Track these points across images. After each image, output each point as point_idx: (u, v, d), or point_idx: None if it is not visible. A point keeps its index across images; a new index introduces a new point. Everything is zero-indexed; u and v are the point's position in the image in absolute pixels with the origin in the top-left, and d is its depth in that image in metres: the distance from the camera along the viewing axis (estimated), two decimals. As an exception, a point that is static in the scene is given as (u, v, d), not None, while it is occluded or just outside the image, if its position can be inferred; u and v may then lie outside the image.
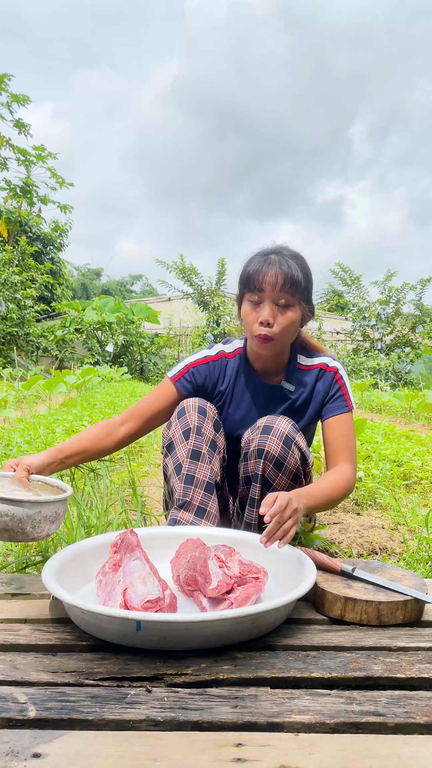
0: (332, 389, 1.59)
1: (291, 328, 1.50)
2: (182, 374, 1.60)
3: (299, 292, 1.48)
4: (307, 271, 1.53)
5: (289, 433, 1.44)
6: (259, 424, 1.47)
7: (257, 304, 1.49)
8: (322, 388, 1.59)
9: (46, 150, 14.81)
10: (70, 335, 15.64)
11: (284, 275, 1.45)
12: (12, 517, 1.14)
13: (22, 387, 7.38)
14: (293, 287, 1.46)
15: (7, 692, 0.82)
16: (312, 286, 1.56)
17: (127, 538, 1.16)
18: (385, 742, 0.73)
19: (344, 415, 1.56)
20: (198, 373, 1.61)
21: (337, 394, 1.58)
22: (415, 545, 1.83)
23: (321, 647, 0.97)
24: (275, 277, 1.45)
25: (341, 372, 1.61)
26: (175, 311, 17.84)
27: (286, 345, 1.56)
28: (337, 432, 1.55)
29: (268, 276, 1.46)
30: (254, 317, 1.49)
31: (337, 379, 1.59)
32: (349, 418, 1.57)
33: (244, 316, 1.52)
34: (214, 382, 1.62)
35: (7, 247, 14.79)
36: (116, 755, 0.69)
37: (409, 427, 5.39)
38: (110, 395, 8.65)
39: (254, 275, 1.48)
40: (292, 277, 1.45)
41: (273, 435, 1.43)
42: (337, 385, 1.59)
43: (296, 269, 1.47)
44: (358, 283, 14.97)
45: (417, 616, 1.08)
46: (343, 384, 1.59)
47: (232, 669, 0.88)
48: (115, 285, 45.09)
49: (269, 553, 1.26)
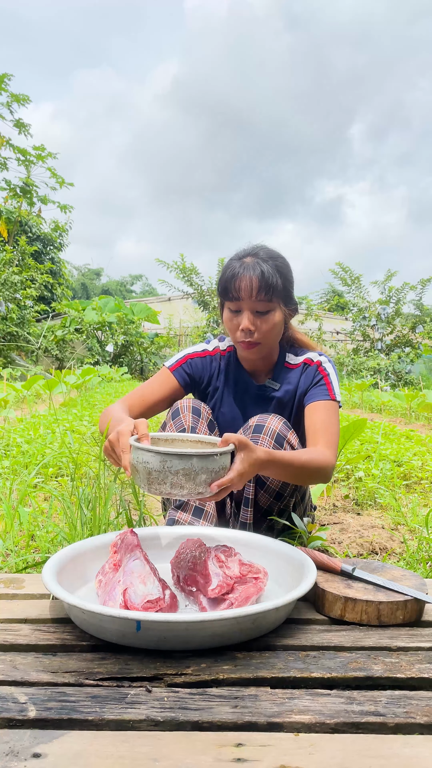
0: (314, 379, 1.56)
1: (273, 331, 1.49)
2: (180, 364, 1.60)
3: (277, 295, 1.46)
4: (284, 271, 1.50)
5: (281, 432, 1.44)
6: (251, 423, 1.48)
7: (236, 311, 1.48)
8: (305, 381, 1.58)
9: (46, 150, 14.81)
10: (70, 335, 15.63)
11: (258, 281, 1.42)
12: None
13: (22, 387, 7.38)
14: (269, 292, 1.43)
15: (7, 692, 0.82)
16: (292, 285, 1.54)
17: (127, 538, 1.16)
18: (385, 742, 0.73)
19: (325, 402, 1.51)
20: (195, 365, 1.61)
21: (319, 382, 1.55)
22: (415, 545, 1.83)
23: (321, 647, 0.97)
24: (250, 283, 1.43)
25: (325, 365, 1.59)
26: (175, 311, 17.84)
27: (273, 346, 1.55)
28: (315, 416, 1.50)
29: (244, 283, 1.43)
30: (235, 325, 1.48)
31: (320, 371, 1.57)
32: (331, 406, 1.51)
33: (226, 323, 1.52)
34: (209, 377, 1.62)
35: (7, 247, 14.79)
36: (116, 755, 0.69)
37: (409, 427, 5.39)
38: (110, 395, 8.65)
39: (230, 283, 1.46)
40: (267, 282, 1.43)
41: (264, 434, 1.43)
42: (320, 375, 1.56)
43: (272, 272, 1.44)
44: (358, 283, 14.97)
45: (417, 616, 1.08)
46: (326, 375, 1.56)
47: (232, 669, 0.88)
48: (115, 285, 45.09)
49: (269, 553, 1.26)
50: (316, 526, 1.75)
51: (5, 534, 1.77)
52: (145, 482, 1.13)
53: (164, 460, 1.10)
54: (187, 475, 1.10)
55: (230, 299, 1.47)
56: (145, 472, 1.12)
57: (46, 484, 2.43)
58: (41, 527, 1.84)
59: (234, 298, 1.46)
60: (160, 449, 1.10)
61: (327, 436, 1.46)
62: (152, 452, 1.10)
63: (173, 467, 1.10)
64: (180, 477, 1.10)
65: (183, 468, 1.10)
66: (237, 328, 1.47)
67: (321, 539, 1.41)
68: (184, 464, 1.09)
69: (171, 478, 1.10)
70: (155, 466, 1.10)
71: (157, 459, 1.10)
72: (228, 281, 1.46)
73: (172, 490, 1.12)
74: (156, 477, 1.11)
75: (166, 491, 1.12)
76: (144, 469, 1.12)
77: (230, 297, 1.46)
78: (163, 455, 1.09)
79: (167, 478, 1.10)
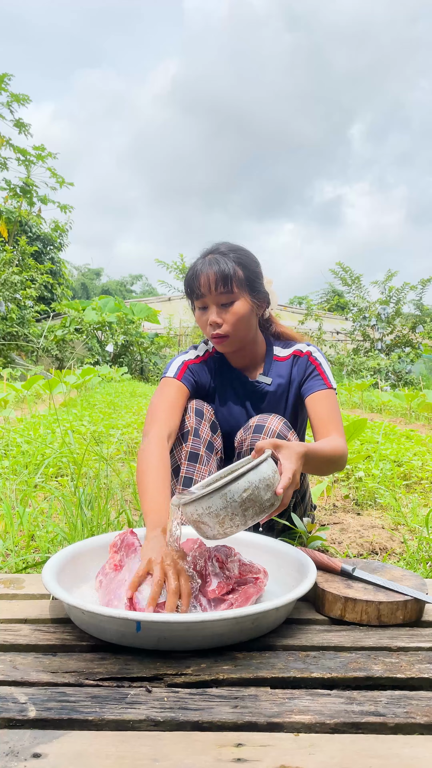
0: (307, 370, 1.58)
1: (242, 322, 1.50)
2: (183, 371, 1.61)
3: (239, 285, 1.48)
4: (245, 262, 1.51)
5: (281, 431, 1.45)
6: (251, 424, 1.48)
7: (203, 308, 1.51)
8: (297, 372, 1.59)
9: (46, 150, 14.80)
10: (70, 335, 15.63)
11: (216, 275, 1.45)
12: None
13: (22, 387, 7.38)
14: (229, 283, 1.46)
15: (7, 692, 0.82)
16: (257, 275, 1.54)
17: (127, 539, 1.16)
18: (385, 742, 0.73)
19: (325, 391, 1.53)
20: (195, 371, 1.62)
21: (313, 373, 1.57)
22: (416, 545, 1.83)
23: (321, 647, 0.97)
24: (208, 278, 1.46)
25: (315, 354, 1.60)
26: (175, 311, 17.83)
27: (246, 338, 1.56)
28: (319, 406, 1.51)
29: (203, 279, 1.47)
30: (204, 321, 1.51)
31: (311, 361, 1.58)
32: (330, 395, 1.54)
33: (198, 321, 1.55)
34: (207, 382, 1.64)
35: (7, 247, 14.78)
36: (116, 755, 0.69)
37: (409, 427, 5.39)
38: (110, 395, 8.66)
39: (192, 282, 1.49)
40: (223, 273, 1.45)
41: (265, 434, 1.44)
42: (312, 365, 1.58)
43: (229, 264, 1.47)
44: (358, 283, 14.96)
45: (417, 616, 1.08)
46: (318, 364, 1.58)
47: (232, 669, 0.88)
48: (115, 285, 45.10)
49: (269, 553, 1.26)
50: (316, 526, 1.75)
51: (5, 534, 1.77)
52: (218, 526, 1.03)
53: (224, 494, 1.01)
54: (252, 495, 1.02)
55: (196, 297, 1.51)
56: (212, 517, 1.02)
57: (46, 484, 2.43)
58: (41, 527, 1.84)
59: (198, 296, 1.49)
60: (212, 487, 1.01)
61: (336, 425, 1.48)
62: (208, 494, 1.01)
63: (235, 495, 1.01)
64: (246, 501, 1.01)
65: (244, 489, 1.01)
66: (206, 323, 1.51)
67: (321, 539, 1.41)
68: (244, 485, 1.01)
69: (238, 506, 1.01)
70: (218, 504, 1.01)
71: (217, 497, 1.01)
72: (191, 280, 1.50)
73: (246, 518, 1.03)
74: (225, 515, 1.02)
75: (241, 523, 1.03)
76: (210, 516, 1.02)
77: (195, 295, 1.50)
78: (220, 490, 1.01)
79: (236, 509, 1.01)
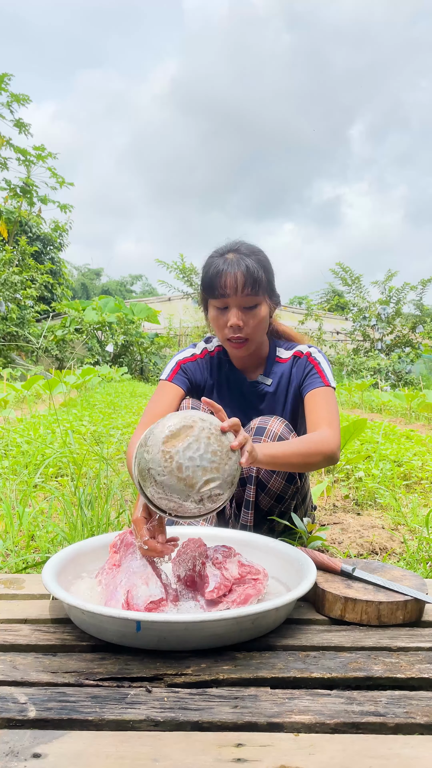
0: (306, 369, 1.57)
1: (261, 325, 1.51)
2: (176, 372, 1.60)
3: (262, 289, 1.47)
4: (266, 265, 1.50)
5: (282, 434, 1.44)
6: (253, 425, 1.48)
7: (223, 309, 1.47)
8: (297, 373, 1.58)
9: (46, 150, 14.79)
10: (70, 335, 15.63)
11: (244, 276, 1.42)
12: None
13: (22, 387, 7.38)
14: (255, 286, 1.44)
15: (7, 692, 0.82)
16: (273, 278, 1.54)
17: (126, 539, 1.16)
18: (385, 742, 0.73)
19: (322, 389, 1.52)
20: (189, 370, 1.61)
21: (312, 372, 1.56)
22: (416, 545, 1.83)
23: (321, 647, 0.97)
24: (236, 279, 1.42)
25: (315, 354, 1.59)
26: (175, 311, 17.83)
27: (260, 341, 1.56)
28: (314, 402, 1.50)
29: (229, 279, 1.43)
30: (223, 322, 1.48)
31: (310, 361, 1.58)
32: (328, 392, 1.52)
33: (213, 321, 1.51)
34: (204, 380, 1.63)
35: (7, 247, 14.77)
36: (116, 755, 0.69)
37: (409, 427, 5.38)
38: (110, 395, 8.65)
39: (215, 280, 1.45)
40: (253, 276, 1.43)
41: (266, 436, 1.43)
42: (311, 365, 1.57)
43: (256, 267, 1.44)
44: (358, 283, 14.97)
45: (417, 616, 1.08)
46: (317, 363, 1.57)
47: (232, 669, 0.88)
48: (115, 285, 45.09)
49: (269, 553, 1.26)
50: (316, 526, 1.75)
51: (5, 534, 1.77)
52: (167, 501, 1.03)
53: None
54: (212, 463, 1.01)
55: (216, 297, 1.47)
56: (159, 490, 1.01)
57: (46, 484, 2.43)
58: (41, 527, 1.84)
59: (220, 295, 1.45)
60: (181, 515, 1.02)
61: (329, 419, 1.45)
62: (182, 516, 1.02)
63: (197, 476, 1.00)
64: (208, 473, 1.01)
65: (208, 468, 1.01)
66: (225, 325, 1.47)
67: (321, 539, 1.41)
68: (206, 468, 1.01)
69: (201, 475, 1.01)
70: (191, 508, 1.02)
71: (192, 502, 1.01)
72: (213, 278, 1.46)
73: (217, 490, 1.02)
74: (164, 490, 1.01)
75: (213, 493, 1.02)
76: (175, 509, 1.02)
77: (216, 294, 1.46)
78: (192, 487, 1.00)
79: (198, 476, 1.01)
